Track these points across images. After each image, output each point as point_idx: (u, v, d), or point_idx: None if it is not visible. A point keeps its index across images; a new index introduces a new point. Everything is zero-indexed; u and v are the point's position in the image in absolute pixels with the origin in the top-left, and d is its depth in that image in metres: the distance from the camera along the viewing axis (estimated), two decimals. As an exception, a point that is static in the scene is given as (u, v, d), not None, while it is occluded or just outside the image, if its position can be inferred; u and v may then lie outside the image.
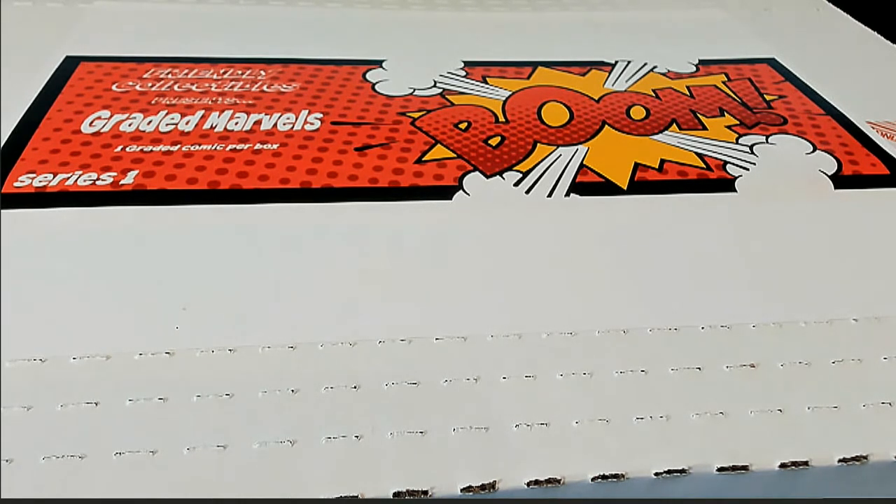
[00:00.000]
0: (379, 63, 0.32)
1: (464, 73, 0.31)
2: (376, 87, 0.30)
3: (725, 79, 0.32)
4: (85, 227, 0.21)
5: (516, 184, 0.25)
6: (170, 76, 0.29)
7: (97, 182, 0.23)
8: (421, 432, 0.16)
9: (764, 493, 0.16)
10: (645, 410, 0.17)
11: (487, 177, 0.25)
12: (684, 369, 0.18)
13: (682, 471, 0.16)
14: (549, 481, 0.16)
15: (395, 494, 0.15)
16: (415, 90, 0.30)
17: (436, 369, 0.18)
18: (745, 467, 0.16)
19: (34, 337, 0.18)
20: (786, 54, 0.35)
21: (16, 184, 0.22)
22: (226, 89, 0.29)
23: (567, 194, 0.24)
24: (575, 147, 0.27)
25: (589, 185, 0.25)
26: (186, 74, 0.29)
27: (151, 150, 0.24)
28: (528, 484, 0.16)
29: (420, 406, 0.17)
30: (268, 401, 0.17)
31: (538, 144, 0.27)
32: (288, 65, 0.31)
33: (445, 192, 0.24)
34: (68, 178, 0.23)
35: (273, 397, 0.17)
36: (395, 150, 0.26)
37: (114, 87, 0.28)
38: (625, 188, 0.25)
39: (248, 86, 0.29)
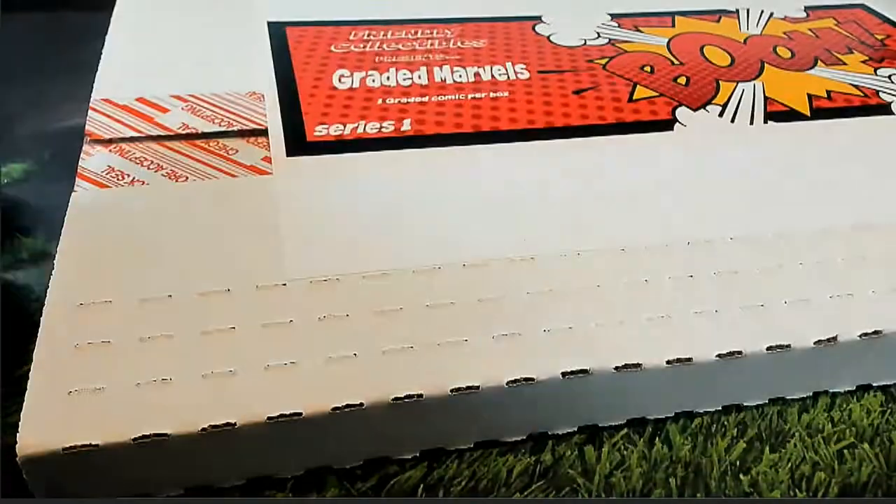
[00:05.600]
0: (539, 18, 0.35)
1: (616, 24, 0.35)
2: (552, 38, 0.33)
3: (835, 22, 0.37)
4: (393, 166, 0.24)
5: (720, 114, 0.29)
6: (371, 37, 0.32)
7: (382, 129, 0.26)
8: (664, 316, 0.21)
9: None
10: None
11: (694, 110, 0.29)
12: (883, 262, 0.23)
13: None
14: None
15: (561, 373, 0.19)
16: (586, 41, 0.33)
17: (693, 267, 0.22)
18: None
19: (375, 254, 0.21)
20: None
21: (316, 133, 0.25)
22: (427, 47, 0.31)
23: (765, 121, 0.28)
24: (751, 83, 0.31)
25: (780, 113, 0.29)
26: (385, 35, 0.32)
27: (408, 101, 0.27)
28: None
29: (655, 301, 0.21)
30: (543, 299, 0.21)
31: (720, 81, 0.31)
32: (463, 24, 0.34)
33: (666, 125, 0.28)
34: (357, 126, 0.26)
35: (544, 297, 0.21)
36: (605, 91, 0.29)
37: (333, 49, 0.30)
38: (809, 115, 0.29)
39: (443, 43, 0.32)
